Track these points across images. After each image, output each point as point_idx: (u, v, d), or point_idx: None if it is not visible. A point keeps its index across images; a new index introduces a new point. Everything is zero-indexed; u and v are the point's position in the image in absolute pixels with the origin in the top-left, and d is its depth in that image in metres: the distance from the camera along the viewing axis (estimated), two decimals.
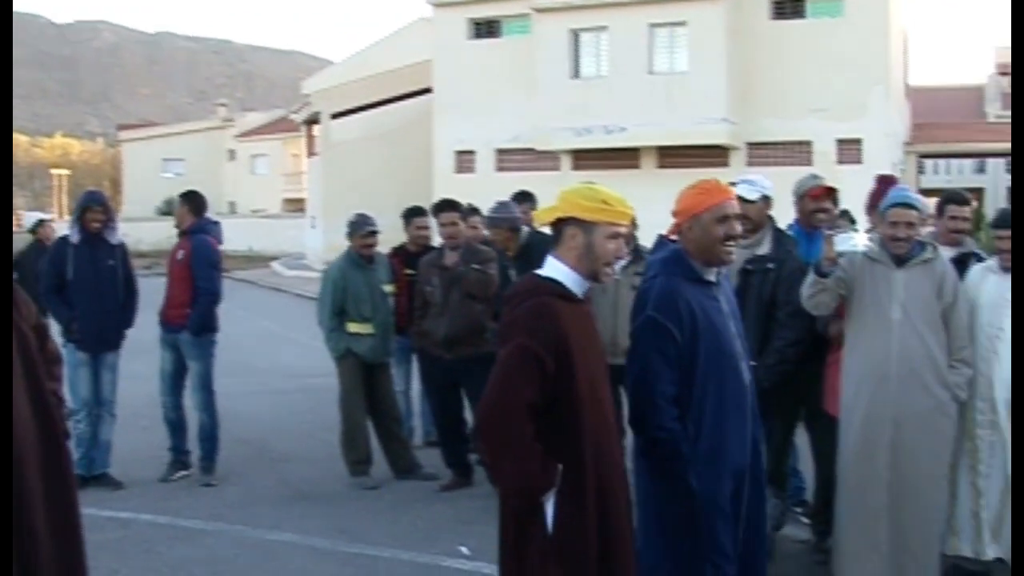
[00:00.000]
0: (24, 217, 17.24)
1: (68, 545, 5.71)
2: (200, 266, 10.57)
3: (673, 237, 5.39)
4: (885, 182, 8.84)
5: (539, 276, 4.79)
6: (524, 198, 11.17)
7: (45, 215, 17.75)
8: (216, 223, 11.09)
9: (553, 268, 4.79)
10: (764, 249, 7.71)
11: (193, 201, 10.89)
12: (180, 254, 10.69)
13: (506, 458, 4.57)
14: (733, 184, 7.48)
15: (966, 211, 8.07)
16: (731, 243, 5.21)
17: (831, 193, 8.22)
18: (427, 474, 10.58)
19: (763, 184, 7.84)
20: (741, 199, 7.37)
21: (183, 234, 10.79)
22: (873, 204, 8.68)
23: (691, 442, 5.03)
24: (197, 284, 10.52)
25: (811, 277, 7.12)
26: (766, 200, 7.80)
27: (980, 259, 7.77)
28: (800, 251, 7.84)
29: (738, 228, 5.27)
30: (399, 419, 11.07)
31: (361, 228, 10.60)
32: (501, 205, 10.18)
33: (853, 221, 9.57)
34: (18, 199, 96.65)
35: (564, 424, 4.60)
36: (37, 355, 5.71)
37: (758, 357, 7.11)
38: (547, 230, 5.07)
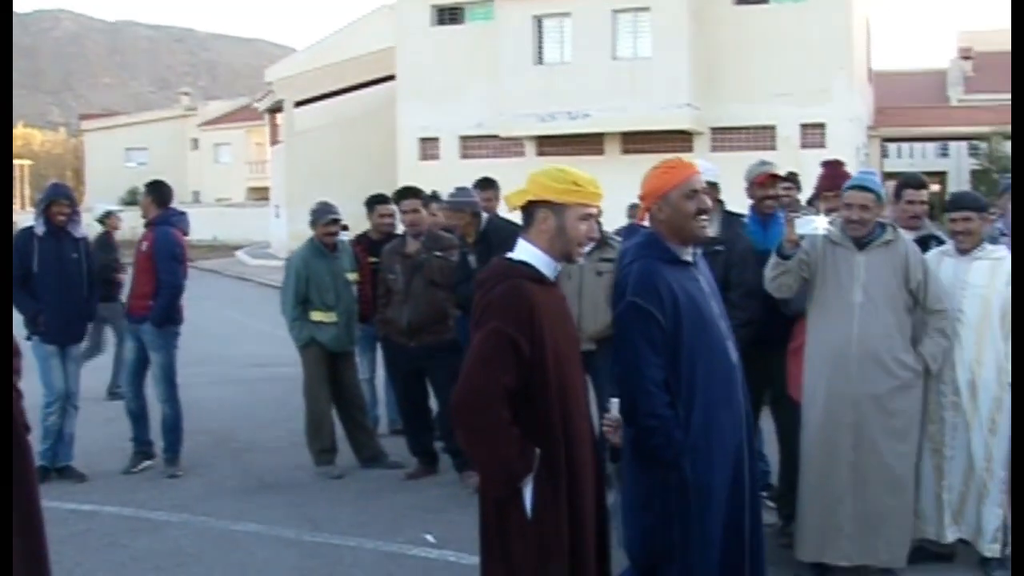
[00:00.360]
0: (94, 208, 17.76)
1: (30, 540, 5.67)
2: (162, 258, 10.49)
3: (644, 222, 5.34)
4: (831, 167, 8.85)
5: (511, 259, 4.76)
6: (487, 185, 11.11)
7: (113, 206, 17.99)
8: (183, 214, 11.02)
9: (525, 251, 4.75)
10: (712, 231, 7.74)
11: (158, 192, 10.80)
12: (144, 245, 10.61)
13: (484, 444, 4.54)
14: None
15: (923, 194, 8.16)
16: (704, 217, 5.13)
17: (777, 180, 8.26)
18: (392, 463, 10.55)
19: (702, 169, 7.83)
20: None
21: (148, 225, 10.70)
22: (821, 189, 8.71)
23: (683, 427, 4.97)
24: (159, 276, 10.44)
25: (773, 259, 7.13)
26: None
27: (940, 241, 7.82)
28: (755, 237, 7.89)
29: (708, 202, 5.19)
30: (364, 408, 11.04)
31: (323, 216, 10.54)
32: (460, 190, 10.09)
33: None
34: None
35: (534, 407, 4.58)
36: None
37: None
38: (509, 216, 5.02)
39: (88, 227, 10.98)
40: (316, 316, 10.45)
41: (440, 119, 40.56)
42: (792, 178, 9.82)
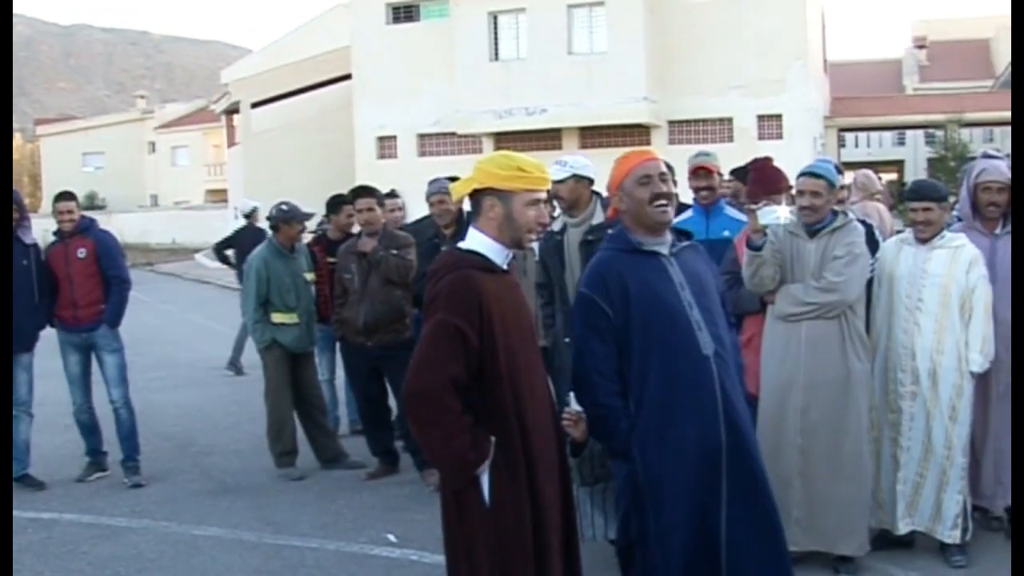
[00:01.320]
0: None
1: None
2: (114, 256, 10.51)
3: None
4: (758, 164, 8.83)
5: (460, 249, 4.73)
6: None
7: (258, 203, 18.27)
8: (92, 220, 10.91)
9: (474, 240, 4.73)
10: (598, 219, 7.79)
11: (77, 198, 10.75)
12: (82, 251, 10.37)
13: (436, 435, 4.51)
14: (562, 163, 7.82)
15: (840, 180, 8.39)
16: (661, 202, 5.04)
17: (709, 172, 8.42)
18: (353, 463, 10.51)
19: (575, 164, 7.97)
20: (554, 181, 7.53)
21: (75, 232, 10.47)
22: (753, 195, 8.74)
23: (632, 417, 4.91)
24: (113, 275, 10.37)
25: (747, 255, 7.08)
26: (579, 179, 7.91)
27: (868, 226, 7.78)
28: (697, 227, 8.01)
29: (664, 187, 5.09)
30: (324, 409, 10.99)
31: (298, 217, 10.48)
32: (436, 180, 9.95)
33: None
34: None
35: (485, 397, 4.56)
36: None
37: None
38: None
39: (44, 233, 10.78)
40: (277, 318, 10.38)
41: (397, 117, 40.56)
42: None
